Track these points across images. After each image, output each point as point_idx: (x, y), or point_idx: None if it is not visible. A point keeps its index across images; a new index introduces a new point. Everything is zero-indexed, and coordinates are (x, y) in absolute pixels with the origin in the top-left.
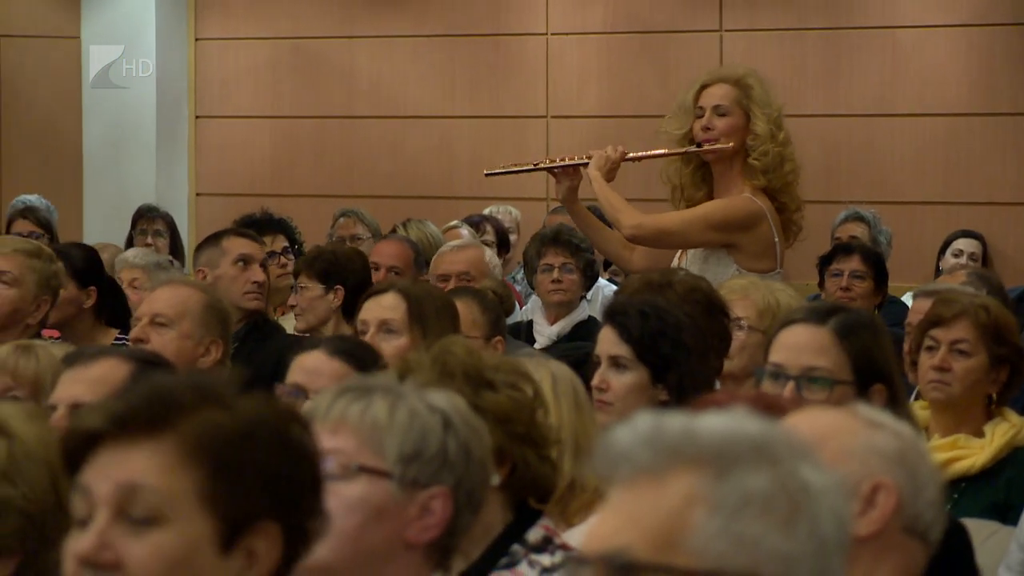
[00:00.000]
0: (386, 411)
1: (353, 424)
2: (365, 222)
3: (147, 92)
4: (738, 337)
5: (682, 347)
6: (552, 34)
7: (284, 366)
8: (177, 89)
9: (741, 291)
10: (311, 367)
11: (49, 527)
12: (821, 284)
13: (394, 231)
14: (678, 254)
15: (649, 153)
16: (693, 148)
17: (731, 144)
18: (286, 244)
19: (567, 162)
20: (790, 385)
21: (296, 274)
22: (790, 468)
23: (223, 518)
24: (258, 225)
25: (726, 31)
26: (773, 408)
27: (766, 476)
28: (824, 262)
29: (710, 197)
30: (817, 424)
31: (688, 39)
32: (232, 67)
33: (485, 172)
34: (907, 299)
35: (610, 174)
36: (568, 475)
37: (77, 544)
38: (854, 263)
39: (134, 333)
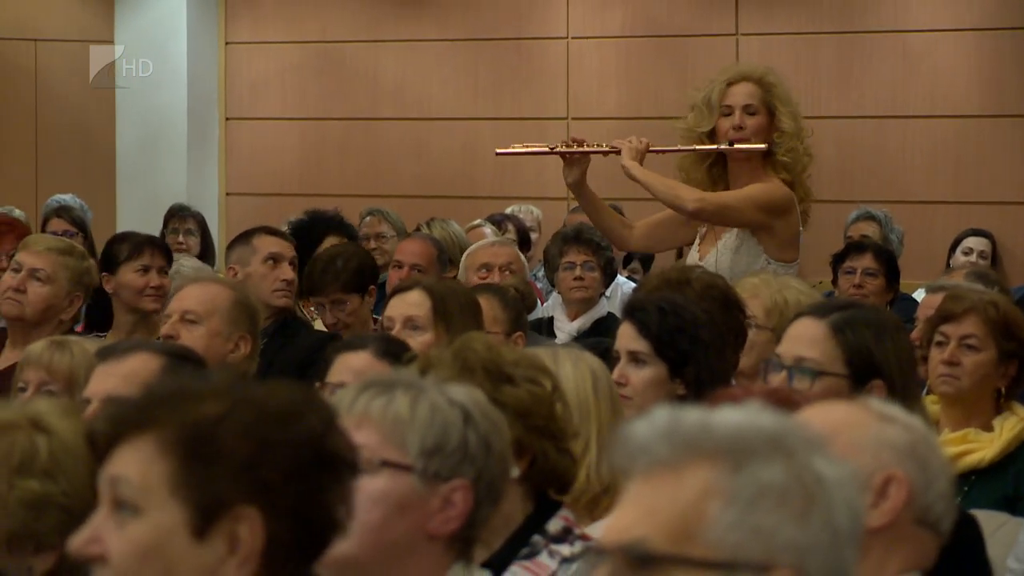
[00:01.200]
0: (408, 406)
1: (376, 419)
2: (390, 221)
3: (178, 94)
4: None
5: (699, 342)
6: (572, 38)
7: (318, 362)
8: (208, 91)
9: (751, 289)
10: (359, 368)
11: None
12: (834, 282)
13: (418, 230)
14: (696, 243)
15: (672, 148)
16: (724, 147)
17: (764, 145)
18: None
19: (584, 148)
20: (783, 374)
21: (312, 294)
22: (804, 461)
23: (195, 505)
24: (326, 223)
25: (742, 34)
26: (787, 402)
27: (781, 469)
28: (837, 260)
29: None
30: (830, 418)
31: (705, 42)
32: (261, 70)
33: (496, 151)
34: (919, 296)
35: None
36: (606, 478)
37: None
38: (866, 261)
39: (164, 330)
